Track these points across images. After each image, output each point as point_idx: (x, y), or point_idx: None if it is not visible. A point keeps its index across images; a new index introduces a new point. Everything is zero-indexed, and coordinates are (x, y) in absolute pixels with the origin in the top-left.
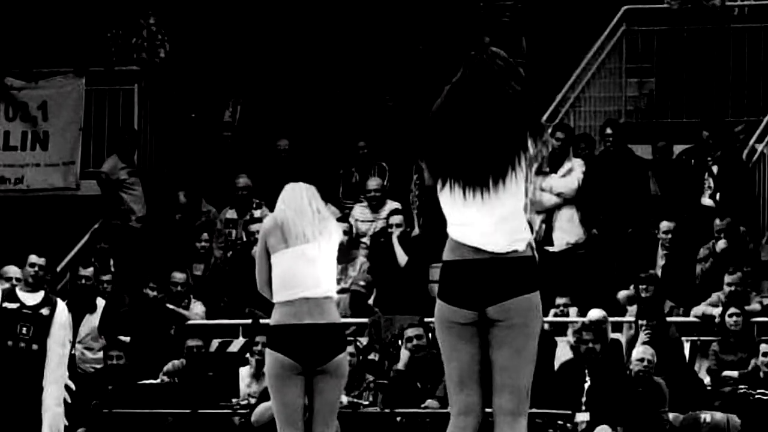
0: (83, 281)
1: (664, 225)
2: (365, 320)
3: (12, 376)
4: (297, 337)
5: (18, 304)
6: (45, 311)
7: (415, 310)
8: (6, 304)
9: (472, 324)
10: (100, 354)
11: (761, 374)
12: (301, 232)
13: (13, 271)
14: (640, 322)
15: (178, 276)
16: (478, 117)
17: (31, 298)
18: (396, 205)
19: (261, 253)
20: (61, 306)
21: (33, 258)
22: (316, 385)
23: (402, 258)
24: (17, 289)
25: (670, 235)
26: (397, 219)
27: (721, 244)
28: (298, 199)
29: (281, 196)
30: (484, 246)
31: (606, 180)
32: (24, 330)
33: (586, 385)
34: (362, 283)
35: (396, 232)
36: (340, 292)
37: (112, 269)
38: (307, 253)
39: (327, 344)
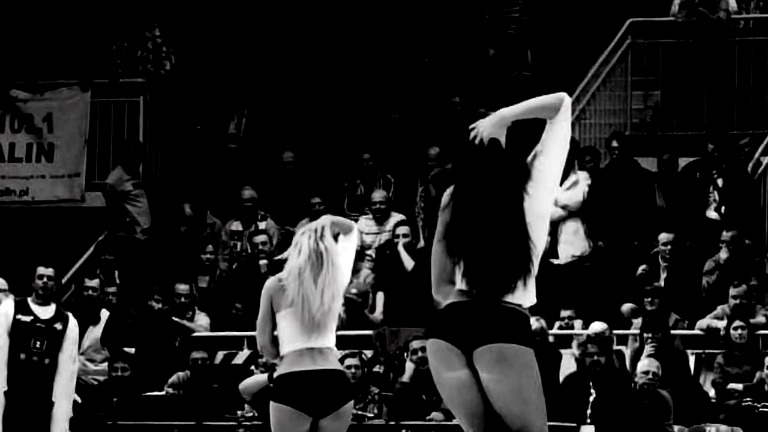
0: (89, 292)
1: (663, 237)
2: (368, 332)
3: (24, 389)
4: (303, 383)
5: (32, 317)
6: (58, 326)
7: (423, 320)
8: (20, 317)
9: (465, 378)
10: (103, 366)
11: (766, 387)
12: (306, 297)
13: (1, 282)
14: (645, 334)
15: (182, 287)
16: (489, 235)
17: (44, 312)
18: (401, 217)
19: (265, 312)
20: (73, 321)
21: (41, 269)
22: (322, 427)
23: (408, 263)
24: (29, 301)
25: (669, 247)
26: (403, 229)
27: (723, 254)
28: (304, 265)
29: (293, 254)
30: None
31: (611, 193)
32: (38, 344)
33: (591, 398)
34: (354, 291)
35: (402, 241)
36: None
37: (117, 281)
38: (312, 311)
39: (334, 390)
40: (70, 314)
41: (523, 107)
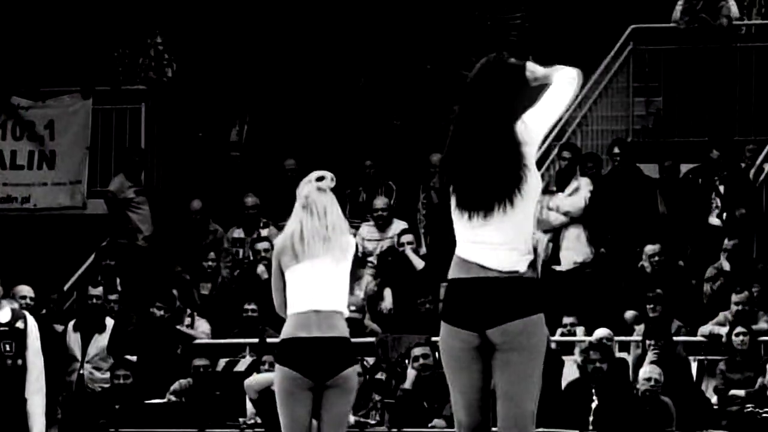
0: (93, 300)
1: (649, 248)
2: (369, 340)
3: (3, 394)
4: (305, 350)
5: None
6: (20, 325)
7: (424, 329)
8: None
9: (474, 348)
10: (109, 374)
11: None
12: (313, 246)
13: (26, 290)
14: (647, 341)
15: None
16: (481, 148)
17: (1, 316)
18: (403, 224)
19: (275, 273)
20: (31, 318)
21: None
22: (325, 399)
23: (418, 263)
24: None
25: (657, 258)
26: (408, 237)
27: (724, 262)
28: (314, 212)
29: (299, 202)
30: (487, 263)
31: (613, 199)
32: (7, 347)
33: (593, 405)
34: (353, 308)
35: (408, 247)
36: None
37: (119, 288)
38: (318, 267)
39: (335, 358)
40: (26, 312)
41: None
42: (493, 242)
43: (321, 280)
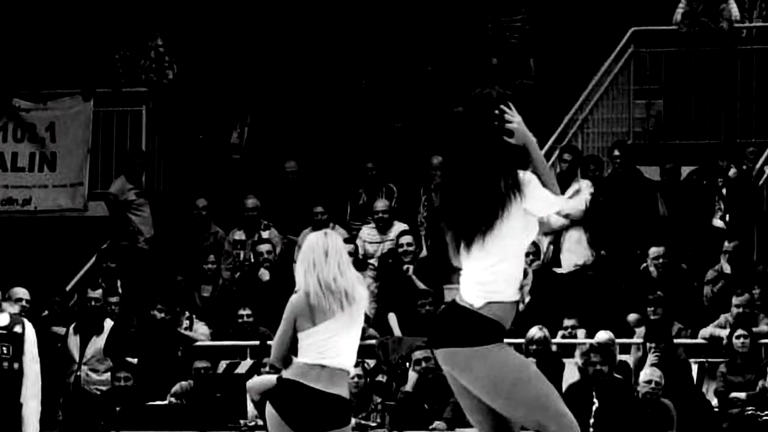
0: (92, 303)
1: (653, 251)
2: (370, 342)
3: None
4: (299, 399)
5: None
6: (18, 329)
7: (425, 331)
8: None
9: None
10: (106, 376)
11: None
12: (329, 308)
13: (22, 292)
14: (648, 344)
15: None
16: (465, 188)
17: (0, 319)
18: (404, 226)
19: (286, 328)
20: (28, 323)
21: None
22: None
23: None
24: None
25: (660, 260)
26: (408, 238)
27: (724, 264)
28: (324, 267)
29: (304, 255)
30: (461, 292)
31: (614, 201)
32: (4, 350)
33: (594, 407)
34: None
35: (410, 263)
36: None
37: (120, 291)
38: (331, 328)
39: (325, 414)
40: (25, 318)
41: (543, 166)
42: (467, 274)
43: (333, 338)
